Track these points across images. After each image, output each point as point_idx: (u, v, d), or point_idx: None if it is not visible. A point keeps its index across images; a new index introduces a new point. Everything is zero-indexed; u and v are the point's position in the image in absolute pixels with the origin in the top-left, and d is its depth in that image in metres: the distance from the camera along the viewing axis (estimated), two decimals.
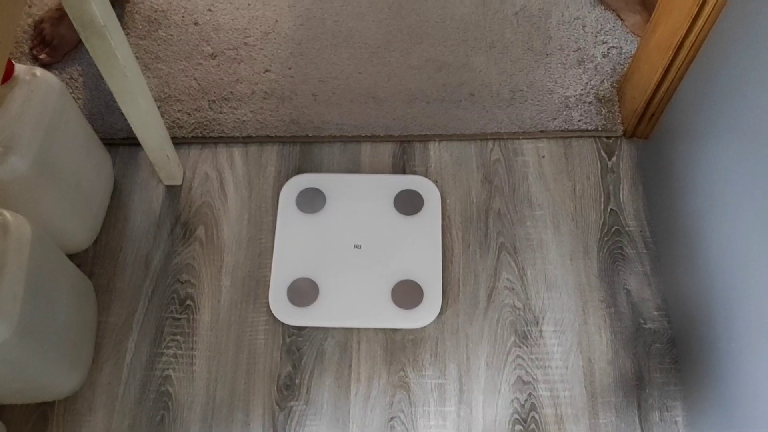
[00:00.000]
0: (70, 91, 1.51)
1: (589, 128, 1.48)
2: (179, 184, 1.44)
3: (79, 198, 1.31)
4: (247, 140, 1.48)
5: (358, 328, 1.30)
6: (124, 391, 1.25)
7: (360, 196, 1.41)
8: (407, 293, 1.31)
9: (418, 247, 1.35)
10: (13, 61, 1.17)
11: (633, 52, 1.51)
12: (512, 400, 1.23)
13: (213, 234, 1.39)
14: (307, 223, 1.38)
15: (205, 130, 1.48)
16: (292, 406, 1.24)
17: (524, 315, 1.30)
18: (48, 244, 1.14)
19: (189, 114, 1.50)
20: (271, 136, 1.48)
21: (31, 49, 1.56)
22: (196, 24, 1.62)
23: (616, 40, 1.58)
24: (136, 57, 1.53)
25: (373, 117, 1.50)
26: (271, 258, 1.35)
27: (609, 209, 1.40)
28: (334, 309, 1.30)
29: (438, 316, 1.30)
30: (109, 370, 1.26)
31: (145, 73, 1.53)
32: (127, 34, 1.58)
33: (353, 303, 1.31)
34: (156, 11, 1.62)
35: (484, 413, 1.22)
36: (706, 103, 1.17)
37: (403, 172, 1.45)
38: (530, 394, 1.24)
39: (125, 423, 1.22)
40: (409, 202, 1.40)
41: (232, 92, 1.53)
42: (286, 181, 1.43)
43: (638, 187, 1.42)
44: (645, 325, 1.29)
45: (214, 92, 1.53)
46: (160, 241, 1.38)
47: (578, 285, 1.33)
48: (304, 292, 1.31)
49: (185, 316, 1.31)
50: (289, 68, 1.56)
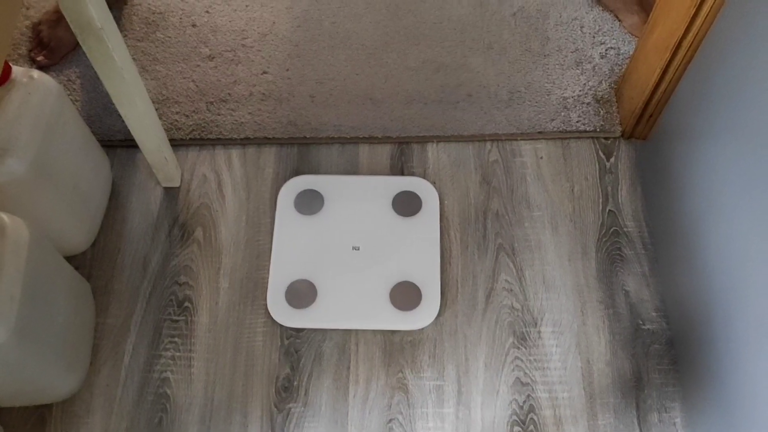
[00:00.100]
0: (68, 93, 1.51)
1: (588, 129, 1.48)
2: (177, 185, 1.44)
3: (77, 200, 1.31)
4: (245, 142, 1.48)
5: (356, 330, 1.30)
6: (122, 393, 1.25)
7: (358, 198, 1.41)
8: (405, 295, 1.31)
9: (417, 249, 1.35)
10: (11, 64, 1.17)
11: (631, 53, 1.51)
12: (511, 402, 1.23)
13: (211, 236, 1.38)
14: (305, 225, 1.38)
15: (203, 131, 1.48)
16: (291, 408, 1.23)
17: (523, 316, 1.30)
18: (46, 246, 1.14)
19: (187, 116, 1.50)
20: (269, 138, 1.48)
21: (29, 52, 1.56)
22: (194, 26, 1.62)
23: (614, 40, 1.58)
24: (134, 59, 1.53)
25: (370, 118, 1.50)
26: (269, 260, 1.35)
27: (607, 210, 1.40)
28: (333, 311, 1.30)
29: (436, 317, 1.29)
30: (107, 372, 1.26)
31: (142, 75, 1.53)
32: (125, 36, 1.58)
33: (351, 305, 1.30)
34: (154, 13, 1.62)
35: (482, 415, 1.22)
36: (704, 104, 1.17)
37: (401, 173, 1.45)
38: (529, 396, 1.24)
39: (123, 425, 1.22)
40: (407, 204, 1.40)
41: (229, 94, 1.53)
42: (284, 182, 1.43)
43: (636, 187, 1.42)
44: (643, 326, 1.29)
45: (212, 94, 1.53)
46: (158, 242, 1.38)
47: (577, 286, 1.33)
48: (302, 293, 1.31)
49: (183, 318, 1.31)
50: (287, 70, 1.56)
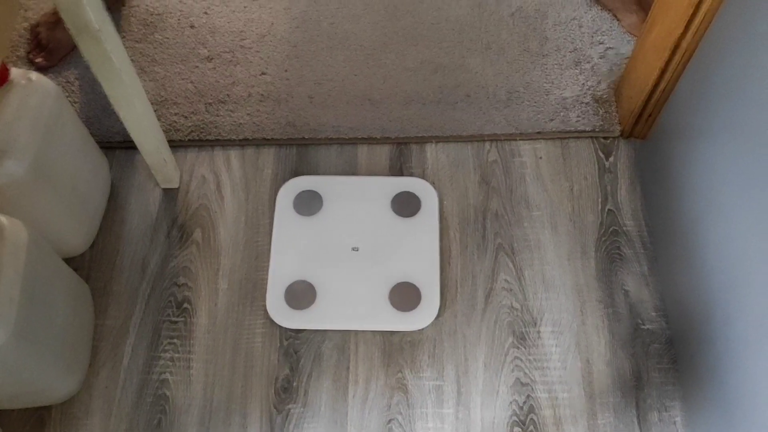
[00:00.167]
0: (67, 94, 1.51)
1: (587, 129, 1.47)
2: (176, 187, 1.44)
3: (76, 201, 1.30)
4: (243, 143, 1.48)
5: (355, 331, 1.29)
6: (121, 394, 1.24)
7: (357, 198, 1.41)
8: (405, 295, 1.31)
9: (416, 249, 1.35)
10: (9, 66, 1.17)
11: (630, 53, 1.51)
12: (510, 402, 1.23)
13: (210, 237, 1.38)
14: (305, 226, 1.38)
15: (202, 133, 1.48)
16: (290, 409, 1.23)
17: (522, 316, 1.30)
18: (44, 248, 1.14)
19: (185, 117, 1.50)
20: (268, 139, 1.48)
21: (28, 53, 1.56)
22: (192, 27, 1.62)
23: (613, 40, 1.58)
24: (133, 60, 1.53)
25: (369, 119, 1.49)
26: (269, 261, 1.35)
27: (607, 209, 1.40)
28: (332, 311, 1.30)
29: (436, 317, 1.29)
30: (106, 374, 1.26)
31: (141, 77, 1.53)
32: (123, 38, 1.58)
33: (351, 305, 1.30)
34: (152, 14, 1.62)
35: (482, 415, 1.22)
36: (703, 103, 1.16)
37: (400, 173, 1.45)
38: (528, 396, 1.24)
39: (122, 427, 1.22)
40: (406, 204, 1.40)
41: (228, 95, 1.53)
42: (283, 183, 1.43)
43: (636, 187, 1.42)
44: (643, 326, 1.29)
45: (211, 95, 1.53)
46: (156, 244, 1.38)
47: (576, 285, 1.33)
48: (301, 294, 1.31)
49: (182, 320, 1.31)
50: (285, 71, 1.56)
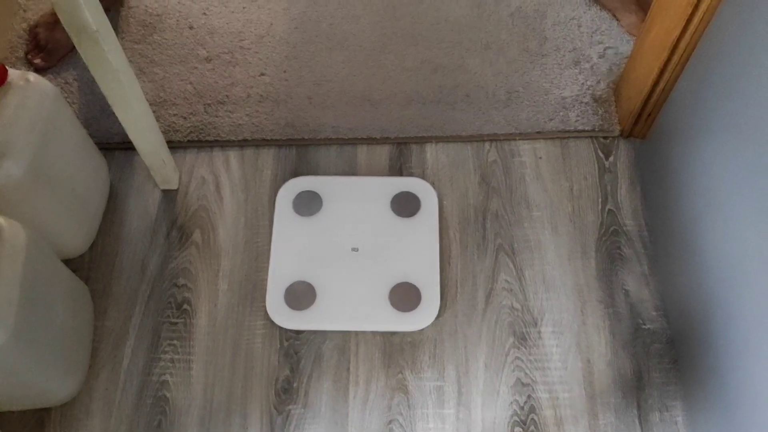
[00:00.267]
0: (65, 95, 1.51)
1: (586, 128, 1.47)
2: (175, 188, 1.43)
3: (75, 203, 1.30)
4: (242, 144, 1.48)
5: (356, 331, 1.29)
6: (121, 396, 1.24)
7: (357, 199, 1.41)
8: (405, 295, 1.30)
9: (416, 249, 1.35)
10: (7, 67, 1.17)
11: (629, 52, 1.51)
12: (511, 402, 1.23)
13: (209, 238, 1.38)
14: (304, 226, 1.38)
15: (201, 133, 1.48)
16: (290, 410, 1.23)
17: (523, 316, 1.30)
18: (43, 250, 1.13)
19: (184, 118, 1.50)
20: (267, 140, 1.47)
21: (26, 54, 1.56)
22: (191, 28, 1.61)
23: (612, 40, 1.57)
24: (131, 61, 1.53)
25: (368, 119, 1.49)
26: (268, 261, 1.35)
27: (607, 209, 1.40)
28: (332, 312, 1.30)
29: (436, 318, 1.29)
30: (106, 376, 1.26)
31: (140, 77, 1.53)
32: (122, 39, 1.58)
33: (351, 306, 1.30)
34: (151, 15, 1.62)
35: (483, 415, 1.22)
36: (703, 102, 1.16)
37: (400, 174, 1.45)
38: (529, 396, 1.23)
39: (122, 428, 1.22)
40: (406, 204, 1.40)
41: (227, 96, 1.52)
42: (283, 184, 1.43)
43: (636, 186, 1.42)
44: (644, 326, 1.29)
45: (210, 96, 1.52)
46: (156, 245, 1.37)
47: (576, 286, 1.33)
48: (301, 295, 1.31)
49: (182, 321, 1.30)
50: (284, 71, 1.56)
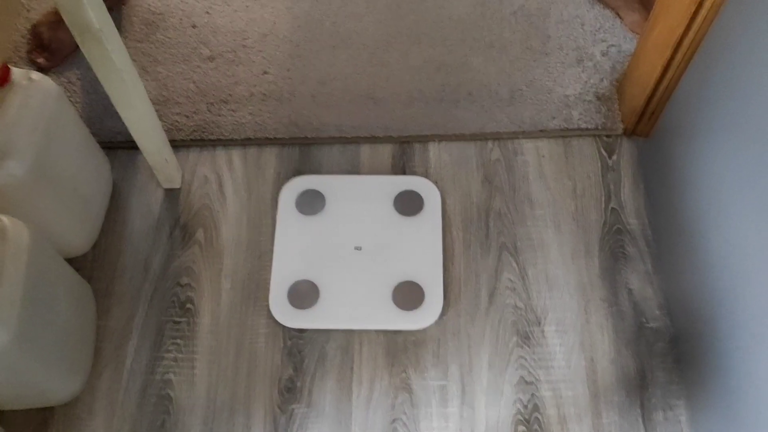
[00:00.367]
0: (68, 95, 1.51)
1: (589, 127, 1.47)
2: (178, 187, 1.43)
3: (78, 202, 1.30)
4: (245, 142, 1.48)
5: (359, 330, 1.29)
6: (125, 395, 1.24)
7: (360, 198, 1.41)
8: (408, 294, 1.30)
9: (419, 248, 1.35)
10: (10, 66, 1.17)
11: (632, 51, 1.51)
12: (515, 401, 1.23)
13: (212, 237, 1.38)
14: (307, 225, 1.38)
15: (204, 132, 1.48)
16: (294, 409, 1.23)
17: (526, 315, 1.30)
18: (46, 249, 1.13)
19: (187, 117, 1.50)
20: (270, 138, 1.47)
21: (29, 53, 1.56)
22: (194, 26, 1.61)
23: (615, 38, 1.57)
24: (134, 60, 1.53)
25: (372, 118, 1.49)
26: (271, 260, 1.35)
27: (610, 208, 1.40)
28: (335, 311, 1.30)
29: (439, 317, 1.29)
30: (109, 375, 1.26)
31: (143, 76, 1.53)
32: (125, 37, 1.58)
33: (354, 305, 1.30)
34: (154, 14, 1.62)
35: (486, 414, 1.22)
36: (706, 101, 1.16)
37: (403, 172, 1.45)
38: (533, 395, 1.23)
39: (126, 428, 1.22)
40: (409, 203, 1.39)
41: (230, 94, 1.52)
42: (286, 182, 1.43)
43: (639, 185, 1.42)
44: (647, 324, 1.29)
45: (213, 95, 1.52)
46: (159, 244, 1.37)
47: (580, 284, 1.32)
48: (304, 294, 1.31)
49: (185, 320, 1.30)
50: (288, 70, 1.56)
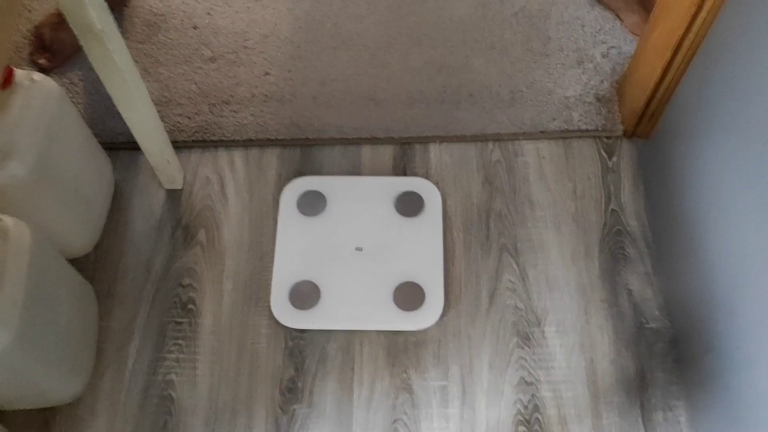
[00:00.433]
0: (70, 95, 1.51)
1: (589, 128, 1.47)
2: (180, 187, 1.44)
3: (80, 203, 1.31)
4: (247, 143, 1.48)
5: (360, 331, 1.29)
6: (126, 396, 1.24)
7: (361, 199, 1.41)
8: (409, 295, 1.31)
9: (420, 249, 1.35)
10: (12, 67, 1.17)
11: (632, 52, 1.51)
12: (515, 401, 1.23)
13: (214, 237, 1.38)
14: (308, 226, 1.38)
15: (206, 133, 1.48)
16: (295, 410, 1.23)
17: (526, 316, 1.30)
18: (48, 250, 1.14)
19: (189, 118, 1.50)
20: (272, 139, 1.48)
21: (31, 54, 1.56)
22: (196, 28, 1.62)
23: (616, 39, 1.57)
24: (136, 61, 1.53)
25: (373, 119, 1.49)
26: (273, 261, 1.35)
27: (610, 209, 1.40)
28: (336, 311, 1.30)
29: (440, 317, 1.29)
30: (111, 375, 1.26)
31: (145, 77, 1.53)
32: (127, 38, 1.58)
33: (355, 305, 1.30)
34: (155, 15, 1.62)
35: (487, 415, 1.22)
36: (706, 102, 1.16)
37: (404, 173, 1.45)
38: (533, 395, 1.24)
39: (128, 428, 1.22)
40: (409, 204, 1.40)
41: (232, 95, 1.53)
42: (287, 183, 1.43)
43: (639, 186, 1.42)
44: (647, 325, 1.29)
45: (214, 96, 1.53)
46: (161, 245, 1.38)
47: (580, 285, 1.33)
48: (305, 294, 1.31)
49: (187, 320, 1.31)
50: (289, 71, 1.56)
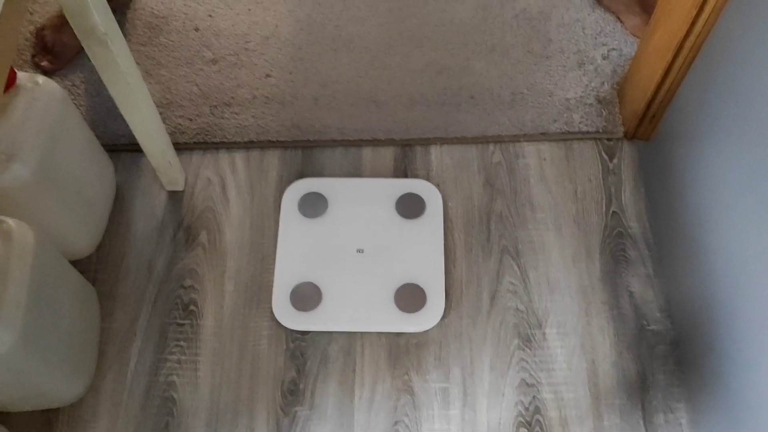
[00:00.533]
0: (72, 98, 1.52)
1: (590, 130, 1.48)
2: (181, 189, 1.44)
3: (82, 204, 1.31)
4: (248, 145, 1.48)
5: (361, 332, 1.30)
6: (128, 397, 1.25)
7: (362, 200, 1.41)
8: (410, 297, 1.31)
9: (421, 251, 1.35)
10: (15, 69, 1.17)
11: (633, 54, 1.51)
12: (516, 403, 1.23)
13: (215, 239, 1.39)
14: (310, 228, 1.39)
15: (207, 135, 1.48)
16: (297, 411, 1.24)
17: (527, 318, 1.30)
18: (51, 251, 1.14)
19: (191, 119, 1.50)
20: (273, 141, 1.48)
21: (33, 57, 1.56)
22: (197, 30, 1.62)
23: (616, 41, 1.58)
24: (138, 63, 1.53)
25: (374, 121, 1.50)
26: (274, 263, 1.35)
27: (611, 211, 1.40)
28: (338, 313, 1.30)
29: (441, 319, 1.30)
30: (113, 377, 1.26)
31: (146, 79, 1.53)
32: (129, 41, 1.59)
33: (356, 307, 1.31)
34: (157, 17, 1.63)
35: (488, 416, 1.22)
36: (707, 104, 1.17)
37: (405, 175, 1.45)
38: (534, 397, 1.24)
39: (129, 429, 1.22)
40: (411, 206, 1.40)
41: (233, 97, 1.53)
42: (288, 185, 1.43)
43: (640, 188, 1.42)
44: (648, 327, 1.29)
45: (216, 97, 1.53)
46: (162, 246, 1.38)
47: (581, 287, 1.33)
48: (307, 296, 1.31)
49: (189, 322, 1.31)
50: (290, 73, 1.56)
